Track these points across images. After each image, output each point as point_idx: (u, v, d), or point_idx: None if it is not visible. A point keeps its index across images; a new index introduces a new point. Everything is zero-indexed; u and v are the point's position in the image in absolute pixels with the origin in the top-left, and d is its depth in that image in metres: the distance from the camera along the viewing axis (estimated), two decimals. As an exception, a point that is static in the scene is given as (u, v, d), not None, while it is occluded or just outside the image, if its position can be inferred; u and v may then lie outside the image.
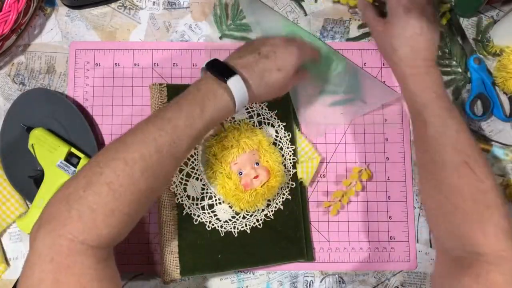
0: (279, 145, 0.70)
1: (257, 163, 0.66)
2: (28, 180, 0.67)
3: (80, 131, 0.68)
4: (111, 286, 0.49)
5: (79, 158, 0.66)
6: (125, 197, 0.49)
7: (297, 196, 0.70)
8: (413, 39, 0.60)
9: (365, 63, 0.74)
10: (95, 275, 0.47)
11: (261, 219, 0.68)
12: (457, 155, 0.55)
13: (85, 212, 0.47)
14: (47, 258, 0.45)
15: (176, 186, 0.67)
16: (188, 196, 0.67)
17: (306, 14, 0.75)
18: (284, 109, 0.71)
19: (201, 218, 0.67)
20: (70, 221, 0.46)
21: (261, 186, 0.65)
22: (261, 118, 0.71)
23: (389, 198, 0.71)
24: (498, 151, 0.71)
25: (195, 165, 0.68)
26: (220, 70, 0.56)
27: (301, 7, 0.75)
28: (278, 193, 0.69)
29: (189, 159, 0.68)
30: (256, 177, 0.65)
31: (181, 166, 0.68)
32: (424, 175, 0.59)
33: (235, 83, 0.54)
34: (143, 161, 0.50)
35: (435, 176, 0.56)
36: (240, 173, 0.65)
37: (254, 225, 0.68)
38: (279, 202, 0.69)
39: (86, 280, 0.46)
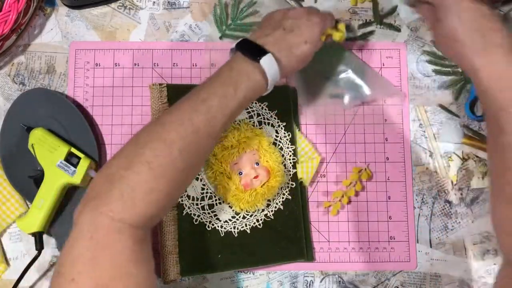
0: (279, 145, 0.70)
1: (257, 163, 0.66)
2: (28, 180, 0.67)
3: (80, 131, 0.68)
4: (146, 268, 0.49)
5: (79, 158, 0.66)
6: (164, 176, 0.50)
7: (297, 196, 0.70)
8: (477, 22, 0.52)
9: (364, 62, 0.74)
10: (132, 256, 0.47)
11: (261, 219, 0.68)
12: None
13: (125, 191, 0.48)
14: (87, 235, 0.46)
15: (176, 186, 0.67)
16: (188, 196, 0.67)
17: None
18: (284, 109, 0.71)
19: (201, 218, 0.67)
20: (111, 200, 0.47)
21: (261, 186, 0.65)
22: (261, 118, 0.71)
23: (389, 198, 0.71)
24: (498, 151, 0.71)
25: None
26: (251, 49, 0.57)
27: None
28: (278, 193, 0.69)
29: (189, 159, 0.68)
30: (256, 177, 0.65)
31: (181, 166, 0.68)
32: (499, 184, 0.53)
33: (267, 62, 0.56)
34: (180, 140, 0.51)
35: (509, 188, 0.50)
36: (240, 173, 0.65)
37: (254, 225, 0.68)
38: (279, 202, 0.69)
39: (122, 259, 0.47)
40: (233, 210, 0.68)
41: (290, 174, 0.70)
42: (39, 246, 0.65)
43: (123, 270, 0.46)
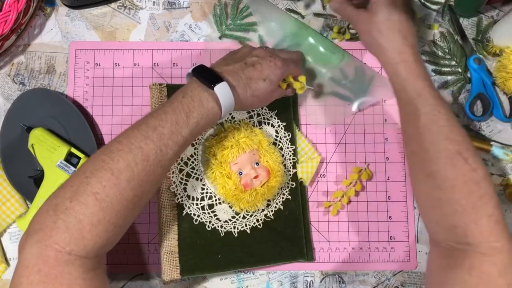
0: (279, 145, 0.70)
1: (257, 163, 0.66)
2: (28, 180, 0.67)
3: (80, 131, 0.68)
4: None
5: (79, 158, 0.66)
6: (112, 207, 0.48)
7: (297, 196, 0.70)
8: (400, 23, 0.59)
9: (364, 63, 0.74)
10: (83, 286, 0.47)
11: (261, 219, 0.68)
12: (450, 144, 0.53)
13: (71, 223, 0.46)
14: (34, 269, 0.45)
15: (176, 186, 0.67)
16: (188, 196, 0.67)
17: (303, 17, 0.75)
18: (284, 109, 0.71)
19: (201, 218, 0.67)
20: (56, 232, 0.46)
21: (261, 186, 0.65)
22: (261, 118, 0.71)
23: (389, 198, 0.71)
24: (497, 151, 0.71)
25: (195, 165, 0.68)
26: (206, 76, 0.56)
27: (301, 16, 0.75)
28: (278, 193, 0.69)
29: (189, 159, 0.68)
30: (256, 177, 0.65)
31: (181, 166, 0.68)
32: (415, 165, 0.57)
33: (222, 90, 0.55)
34: (129, 170, 0.50)
35: (427, 166, 0.54)
36: (240, 173, 0.65)
37: (254, 225, 0.68)
38: (279, 202, 0.69)
39: None
40: (233, 210, 0.68)
41: (290, 174, 0.70)
42: (39, 246, 0.65)
43: None
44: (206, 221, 0.67)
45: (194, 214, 0.67)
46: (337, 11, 0.68)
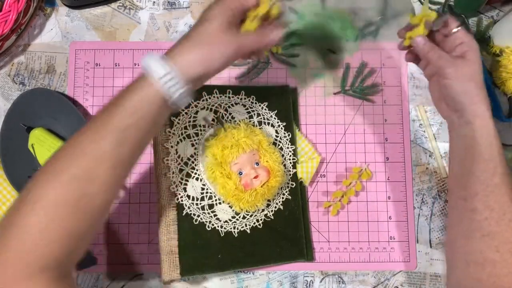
0: (279, 145, 0.70)
1: (257, 163, 0.66)
2: (28, 180, 0.66)
3: (80, 131, 0.68)
4: None
5: (79, 158, 0.65)
6: (58, 213, 0.46)
7: (297, 196, 0.70)
8: (480, 75, 0.56)
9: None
10: None
11: (261, 219, 0.68)
12: None
13: (20, 235, 0.44)
14: None
15: (176, 186, 0.67)
16: (188, 196, 0.67)
17: (306, 14, 0.75)
18: (284, 109, 0.71)
19: (201, 218, 0.67)
20: (8, 247, 0.44)
21: (261, 186, 0.65)
22: (261, 118, 0.71)
23: (389, 198, 0.71)
24: (498, 151, 0.71)
25: (195, 165, 0.68)
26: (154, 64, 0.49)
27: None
28: (278, 193, 0.69)
29: (189, 159, 0.68)
30: (256, 177, 0.65)
31: (181, 166, 0.68)
32: (472, 223, 0.54)
33: (149, 61, 0.49)
34: (73, 174, 0.47)
35: (487, 226, 0.53)
36: (240, 173, 0.65)
37: (254, 225, 0.68)
38: (279, 202, 0.69)
39: None
40: (233, 210, 0.68)
41: (290, 174, 0.70)
42: (39, 246, 0.65)
43: None
44: (206, 221, 0.67)
45: (194, 214, 0.67)
46: (423, 49, 0.58)
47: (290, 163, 0.70)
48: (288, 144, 0.71)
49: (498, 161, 0.54)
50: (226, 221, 0.68)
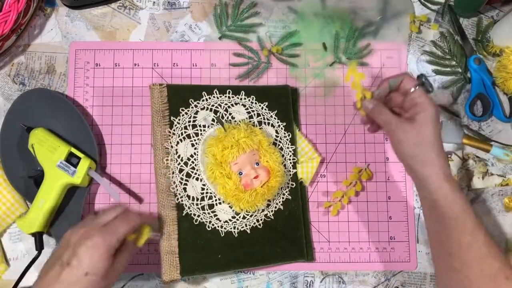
0: (279, 145, 0.70)
1: (257, 163, 0.66)
2: (28, 180, 0.67)
3: (80, 131, 0.68)
4: None
5: (79, 158, 0.66)
6: None
7: (297, 196, 0.70)
8: (440, 139, 0.56)
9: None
10: None
11: (261, 219, 0.68)
12: (493, 262, 0.53)
13: None
14: None
15: (176, 186, 0.67)
16: (188, 196, 0.67)
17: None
18: (284, 109, 0.71)
19: (201, 218, 0.67)
20: None
21: (261, 186, 0.65)
22: (261, 118, 0.70)
23: (389, 198, 0.71)
24: (498, 151, 0.71)
25: (195, 165, 0.68)
26: None
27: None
28: (278, 193, 0.69)
29: (189, 159, 0.68)
30: (256, 177, 0.65)
31: (181, 166, 0.68)
32: (456, 283, 0.54)
33: None
34: None
35: (469, 284, 0.53)
36: (240, 173, 0.65)
37: (254, 225, 0.68)
38: (279, 202, 0.69)
39: None
40: (233, 210, 0.68)
41: (290, 174, 0.70)
42: (39, 246, 0.65)
43: None
44: (206, 221, 0.67)
45: (194, 214, 0.67)
46: (371, 114, 0.59)
47: (290, 163, 0.70)
48: (288, 144, 0.71)
49: (464, 218, 0.54)
50: (226, 221, 0.68)
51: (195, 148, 0.68)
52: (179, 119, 0.69)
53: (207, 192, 0.68)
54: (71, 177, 0.64)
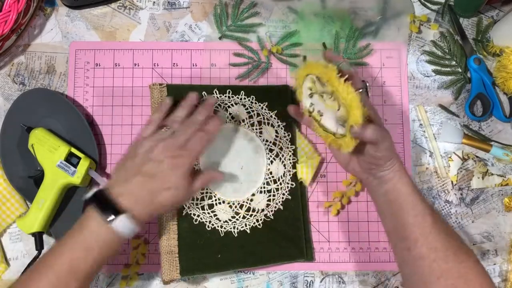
0: (279, 145, 0.70)
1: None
2: (28, 180, 0.67)
3: (80, 131, 0.68)
4: None
5: (79, 158, 0.66)
6: None
7: (297, 196, 0.70)
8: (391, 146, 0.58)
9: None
10: None
11: (260, 219, 0.68)
12: (452, 239, 0.55)
13: None
14: None
15: (176, 186, 0.67)
16: (188, 196, 0.67)
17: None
18: (284, 109, 0.71)
19: (201, 218, 0.67)
20: None
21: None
22: (261, 118, 0.70)
23: (389, 198, 0.71)
24: (497, 151, 0.71)
25: (195, 165, 0.68)
26: (104, 207, 0.53)
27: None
28: (278, 193, 0.69)
29: (189, 159, 0.68)
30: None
31: (181, 166, 0.68)
32: (424, 268, 0.55)
33: (122, 223, 0.53)
34: None
35: (438, 267, 0.54)
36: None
37: (254, 225, 0.68)
38: (279, 202, 0.69)
39: None
40: (232, 210, 0.68)
41: (290, 174, 0.70)
42: (39, 246, 0.65)
43: None
44: (206, 221, 0.67)
45: (194, 214, 0.67)
46: (360, 136, 0.56)
47: (290, 163, 0.70)
48: (288, 144, 0.71)
49: (423, 202, 0.56)
50: (226, 221, 0.68)
51: (195, 148, 0.68)
52: (179, 119, 0.69)
53: (207, 192, 0.68)
54: (71, 177, 0.64)
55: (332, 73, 0.55)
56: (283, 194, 0.69)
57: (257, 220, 0.68)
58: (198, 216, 0.67)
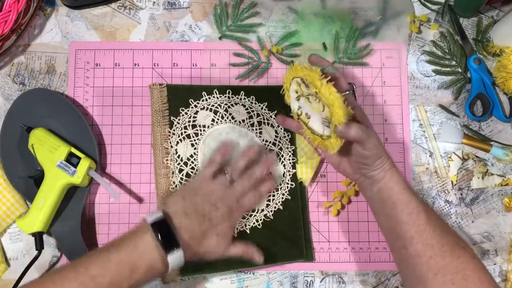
0: (278, 145, 0.70)
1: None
2: (28, 180, 0.67)
3: (80, 131, 0.68)
4: None
5: (79, 158, 0.66)
6: None
7: (296, 196, 0.70)
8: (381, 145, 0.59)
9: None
10: None
11: (260, 219, 0.68)
12: (448, 236, 0.56)
13: None
14: None
15: (176, 186, 0.67)
16: (188, 196, 0.67)
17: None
18: (284, 110, 0.71)
19: (201, 218, 0.67)
20: None
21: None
22: (261, 118, 0.71)
23: (389, 198, 0.71)
24: (497, 151, 0.71)
25: (195, 165, 0.68)
26: (165, 236, 0.53)
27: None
28: (277, 193, 0.69)
29: (189, 159, 0.68)
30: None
31: (181, 166, 0.68)
32: (421, 265, 0.55)
33: (175, 258, 0.53)
34: None
35: (435, 263, 0.54)
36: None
37: (253, 225, 0.68)
38: (279, 202, 0.69)
39: None
40: (233, 210, 0.68)
41: (290, 174, 0.70)
42: (39, 246, 0.65)
43: None
44: (206, 221, 0.67)
45: (194, 214, 0.67)
46: (345, 135, 0.56)
47: (290, 163, 0.70)
48: (288, 144, 0.71)
49: (416, 200, 0.57)
50: (226, 221, 0.68)
51: (195, 148, 0.68)
52: (179, 119, 0.69)
53: (207, 192, 0.68)
54: (71, 177, 0.64)
55: (315, 75, 0.55)
56: (283, 194, 0.69)
57: (257, 220, 0.68)
58: (198, 216, 0.67)
